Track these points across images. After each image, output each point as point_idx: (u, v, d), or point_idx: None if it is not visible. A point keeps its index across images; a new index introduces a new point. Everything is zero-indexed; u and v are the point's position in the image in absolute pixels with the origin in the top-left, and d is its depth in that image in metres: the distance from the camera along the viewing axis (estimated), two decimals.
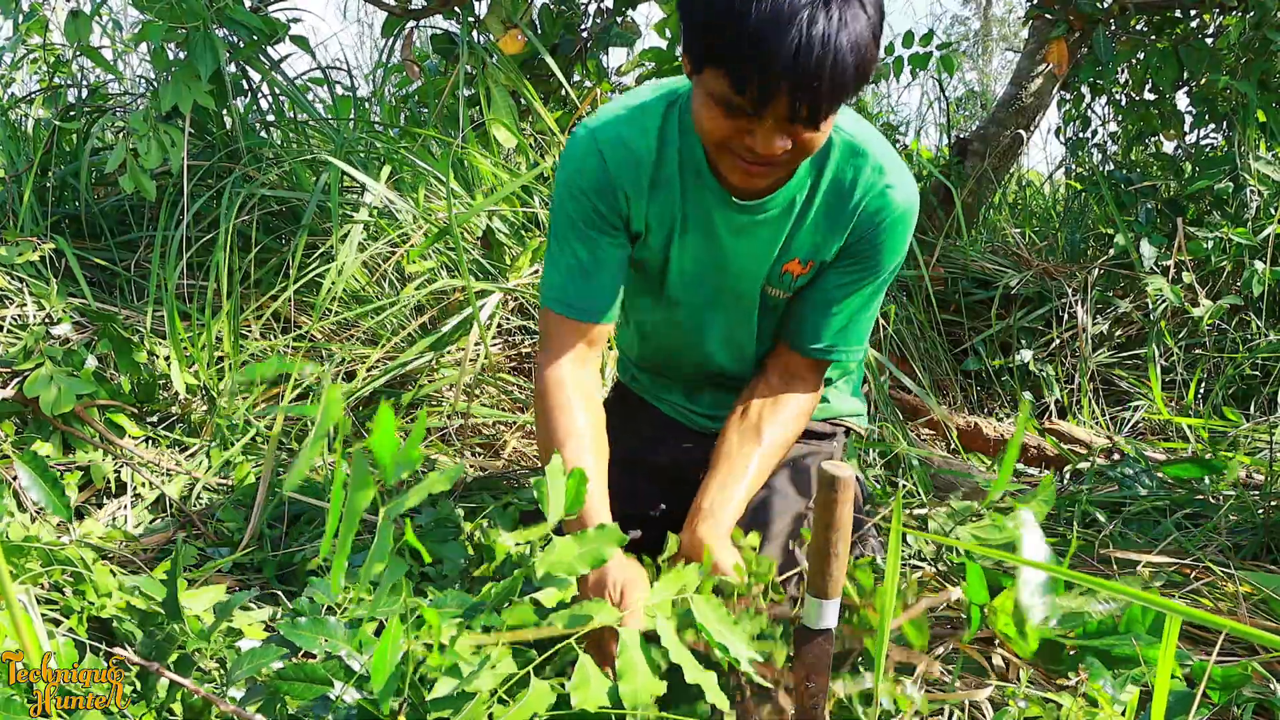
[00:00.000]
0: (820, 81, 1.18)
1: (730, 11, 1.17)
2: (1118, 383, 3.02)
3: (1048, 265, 3.32)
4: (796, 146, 1.28)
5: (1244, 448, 2.49)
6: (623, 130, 1.45)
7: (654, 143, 1.45)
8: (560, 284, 1.49)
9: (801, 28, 1.15)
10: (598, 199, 1.46)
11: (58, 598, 1.41)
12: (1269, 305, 3.04)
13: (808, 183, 1.45)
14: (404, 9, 3.14)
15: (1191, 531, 1.88)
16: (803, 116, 1.22)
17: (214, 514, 1.93)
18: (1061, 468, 2.45)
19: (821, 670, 1.25)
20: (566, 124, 3.08)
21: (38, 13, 3.19)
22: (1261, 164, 3.10)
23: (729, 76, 1.21)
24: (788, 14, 1.15)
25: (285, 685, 1.05)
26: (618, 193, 1.46)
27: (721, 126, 1.28)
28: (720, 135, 1.29)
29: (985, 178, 3.76)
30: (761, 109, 1.22)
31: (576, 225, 1.48)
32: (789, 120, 1.23)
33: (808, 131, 1.26)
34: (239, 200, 2.48)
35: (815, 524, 1.19)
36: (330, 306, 2.46)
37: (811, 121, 1.23)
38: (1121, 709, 1.22)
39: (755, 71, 1.18)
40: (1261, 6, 3.10)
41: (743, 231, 1.48)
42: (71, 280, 2.38)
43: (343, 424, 0.75)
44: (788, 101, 1.20)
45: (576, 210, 1.47)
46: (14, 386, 1.96)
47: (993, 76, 10.40)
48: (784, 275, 1.52)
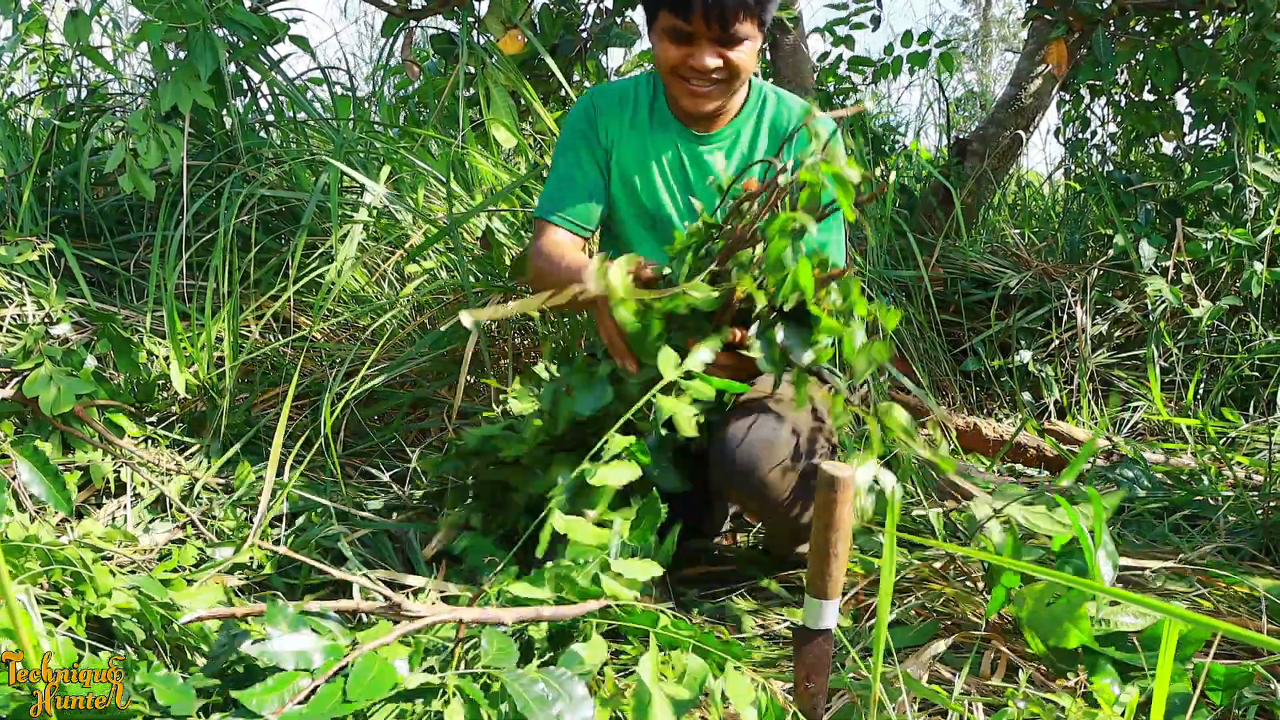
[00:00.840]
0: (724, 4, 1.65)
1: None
2: (1117, 383, 3.02)
3: (1047, 266, 3.32)
4: (727, 64, 1.74)
5: (1243, 448, 2.49)
6: (611, 86, 1.97)
7: (631, 94, 1.93)
8: (549, 194, 1.92)
9: None
10: (587, 127, 1.91)
11: (57, 597, 1.41)
12: (1267, 306, 3.04)
13: (749, 121, 1.91)
14: (404, 9, 3.13)
15: (1190, 533, 1.89)
16: (716, 31, 1.68)
17: (214, 514, 1.93)
18: (1061, 469, 2.45)
19: (821, 670, 1.25)
20: None
21: (37, 12, 3.19)
22: (1260, 165, 3.10)
23: (665, 7, 1.70)
24: None
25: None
26: (600, 126, 1.91)
27: (670, 54, 1.75)
28: (671, 61, 1.75)
29: (985, 178, 3.76)
30: (688, 21, 1.68)
31: (568, 150, 1.92)
32: (712, 39, 1.70)
33: (730, 51, 1.72)
34: (238, 200, 2.48)
35: (814, 524, 1.19)
36: (330, 307, 2.46)
37: (725, 31, 1.69)
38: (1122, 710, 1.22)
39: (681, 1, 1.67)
40: (1261, 7, 3.10)
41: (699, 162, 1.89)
42: (71, 280, 2.38)
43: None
44: (704, 19, 1.67)
45: (569, 139, 1.92)
46: (13, 386, 1.95)
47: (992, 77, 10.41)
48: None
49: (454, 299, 2.56)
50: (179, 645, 1.41)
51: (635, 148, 1.91)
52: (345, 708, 0.99)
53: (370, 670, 1.04)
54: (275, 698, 1.01)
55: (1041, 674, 1.41)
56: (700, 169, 1.91)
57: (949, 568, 1.75)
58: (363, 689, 1.02)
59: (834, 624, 1.24)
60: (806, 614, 1.24)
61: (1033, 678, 1.38)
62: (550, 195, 1.92)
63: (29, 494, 1.82)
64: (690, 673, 1.24)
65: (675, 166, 1.91)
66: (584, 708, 1.06)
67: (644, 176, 1.91)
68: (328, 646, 1.10)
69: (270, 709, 1.00)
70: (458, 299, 2.53)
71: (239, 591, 1.69)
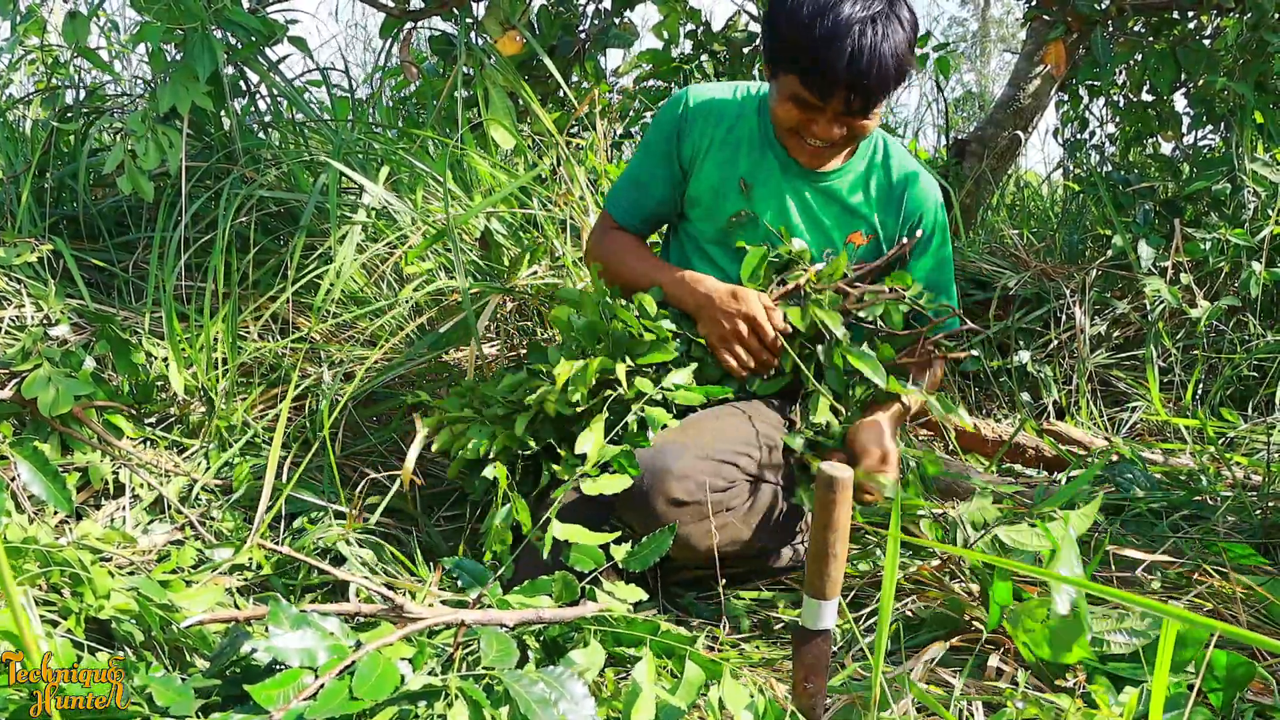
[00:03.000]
0: (869, 80, 1.58)
1: (801, 27, 1.58)
2: (1116, 383, 3.02)
3: (1046, 266, 3.33)
4: (850, 131, 1.71)
5: (1241, 448, 2.49)
6: (714, 91, 1.90)
7: (734, 110, 1.87)
8: (621, 190, 1.98)
9: (854, 39, 1.55)
10: (672, 137, 1.88)
11: (56, 599, 1.41)
12: (1265, 306, 3.04)
13: (863, 162, 1.88)
14: (402, 10, 3.13)
15: (1189, 532, 1.89)
16: (856, 108, 1.64)
17: (212, 515, 1.93)
18: (1059, 469, 2.45)
19: (820, 671, 1.25)
20: (564, 125, 3.08)
21: (35, 14, 3.19)
22: (1259, 165, 3.10)
23: (800, 77, 1.63)
24: (844, 29, 1.55)
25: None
26: (688, 138, 1.86)
27: (792, 116, 1.71)
28: (791, 123, 1.73)
29: (983, 179, 3.76)
30: (825, 102, 1.64)
31: (648, 154, 1.92)
32: (844, 113, 1.66)
33: (859, 120, 1.68)
34: (237, 201, 2.47)
35: (813, 525, 1.19)
36: (329, 308, 2.46)
37: (863, 112, 1.66)
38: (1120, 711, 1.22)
39: (819, 74, 1.60)
40: (1259, 8, 3.10)
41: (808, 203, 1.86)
42: (69, 281, 2.38)
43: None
44: (844, 96, 1.62)
45: (653, 142, 1.91)
46: (12, 388, 1.95)
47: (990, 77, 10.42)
48: (847, 245, 1.88)
49: (453, 300, 2.55)
50: (178, 646, 1.41)
51: (726, 163, 1.87)
52: (352, 705, 0.99)
53: (375, 670, 1.05)
54: (283, 693, 1.01)
55: (1038, 676, 1.41)
56: (805, 204, 1.87)
57: (944, 568, 1.76)
58: (368, 688, 1.02)
59: (833, 625, 1.24)
60: (805, 614, 1.24)
61: (1031, 679, 1.38)
62: (621, 192, 1.99)
63: (27, 495, 1.82)
64: (687, 679, 1.25)
65: (779, 197, 1.87)
66: (585, 707, 1.06)
67: (733, 194, 1.87)
68: (332, 645, 1.10)
69: (277, 704, 1.00)
70: (457, 300, 2.53)
71: (239, 593, 1.69)
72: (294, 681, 1.03)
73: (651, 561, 1.46)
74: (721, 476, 1.60)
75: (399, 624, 1.20)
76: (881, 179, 1.89)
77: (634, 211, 1.98)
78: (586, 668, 1.22)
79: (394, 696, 1.05)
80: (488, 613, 1.24)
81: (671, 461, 1.55)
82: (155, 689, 1.04)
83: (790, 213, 1.87)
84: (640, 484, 1.53)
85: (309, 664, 1.07)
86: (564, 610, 1.31)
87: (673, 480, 1.53)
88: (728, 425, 1.68)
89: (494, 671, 1.10)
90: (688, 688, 1.23)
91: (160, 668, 1.15)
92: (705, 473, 1.57)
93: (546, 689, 1.07)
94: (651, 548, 1.47)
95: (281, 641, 1.08)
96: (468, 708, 1.04)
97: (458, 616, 1.21)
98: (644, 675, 1.20)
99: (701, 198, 1.90)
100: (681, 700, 1.21)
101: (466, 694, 1.06)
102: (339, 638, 1.13)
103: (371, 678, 1.03)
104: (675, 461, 1.55)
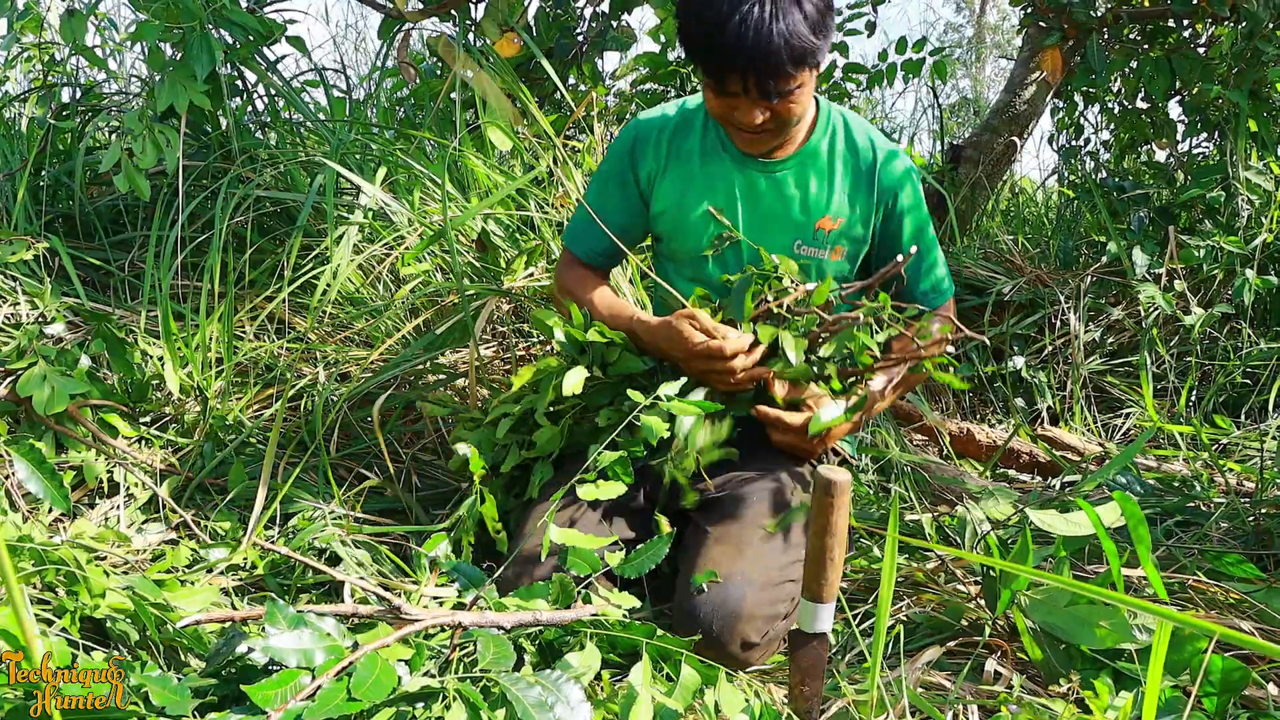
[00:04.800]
0: (758, 62, 1.52)
1: (696, 18, 1.56)
2: (1110, 390, 3.03)
3: (1040, 272, 3.34)
4: (775, 116, 1.64)
5: (1234, 455, 2.50)
6: (660, 111, 1.89)
7: (676, 120, 1.85)
8: (577, 225, 1.97)
9: (740, 21, 1.51)
10: (625, 164, 1.87)
11: (51, 598, 1.41)
12: (1259, 314, 3.06)
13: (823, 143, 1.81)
14: (400, 11, 3.14)
15: (1183, 539, 1.89)
16: (755, 93, 1.57)
17: (207, 515, 1.93)
18: (1053, 475, 2.46)
19: (817, 674, 1.26)
20: (561, 127, 3.08)
21: (32, 11, 3.19)
22: (1252, 173, 3.12)
23: (701, 65, 1.60)
24: (730, 11, 1.51)
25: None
26: (640, 163, 1.85)
27: (716, 105, 1.66)
28: (718, 113, 1.68)
29: (979, 184, 3.77)
30: (722, 86, 1.59)
31: (601, 184, 1.91)
32: (747, 96, 1.59)
33: (777, 104, 1.61)
34: (234, 201, 2.47)
35: (811, 529, 1.20)
36: (325, 308, 2.46)
37: (767, 96, 1.58)
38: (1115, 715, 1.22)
39: (710, 59, 1.57)
40: (1253, 17, 3.12)
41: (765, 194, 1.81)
42: (65, 280, 2.37)
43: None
44: (739, 80, 1.56)
45: (606, 172, 1.90)
46: (7, 386, 1.95)
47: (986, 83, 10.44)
48: (818, 232, 1.82)
49: (449, 301, 2.55)
50: (173, 646, 1.40)
51: (682, 177, 1.84)
52: (350, 706, 0.99)
53: (373, 671, 1.05)
54: (280, 693, 1.01)
55: (1034, 680, 1.42)
56: (763, 195, 1.82)
57: (940, 571, 1.76)
58: (366, 690, 1.02)
59: (829, 628, 1.24)
60: (802, 617, 1.24)
61: (1026, 683, 1.39)
62: (579, 227, 1.97)
63: (21, 494, 1.81)
64: (683, 683, 1.25)
65: (734, 195, 1.82)
66: (581, 710, 1.06)
67: (695, 207, 1.83)
68: (330, 645, 1.10)
69: (275, 705, 1.00)
70: (453, 301, 2.53)
71: (236, 593, 1.69)
72: (291, 682, 1.03)
73: (647, 569, 1.46)
74: (781, 599, 1.56)
75: (396, 625, 1.20)
76: (847, 158, 1.83)
77: (593, 245, 1.95)
78: (583, 671, 1.22)
79: (392, 698, 1.05)
80: (485, 615, 1.24)
81: (738, 605, 1.50)
82: (151, 689, 1.04)
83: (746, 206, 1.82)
84: (711, 629, 1.48)
85: (306, 664, 1.07)
86: (561, 613, 1.31)
87: (743, 624, 1.50)
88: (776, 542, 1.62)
89: (491, 675, 1.10)
90: (684, 691, 1.24)
91: (156, 667, 1.15)
92: (767, 603, 1.53)
93: (543, 692, 1.07)
94: (648, 555, 1.47)
95: (278, 642, 1.08)
96: (465, 709, 1.05)
97: (455, 618, 1.21)
98: (640, 679, 1.20)
99: (667, 212, 1.86)
100: (678, 703, 1.21)
101: (464, 696, 1.06)
102: (336, 639, 1.13)
103: (369, 679, 1.03)
104: (741, 604, 1.50)
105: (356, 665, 1.06)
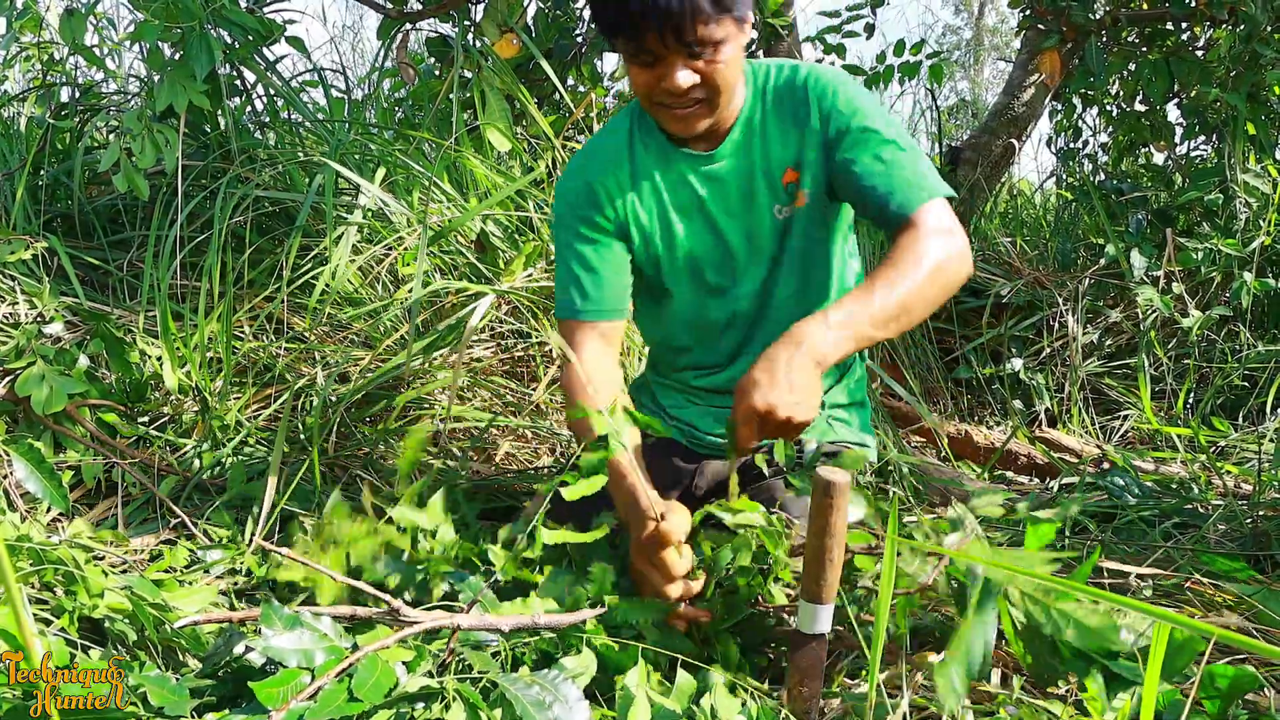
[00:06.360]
0: (671, 12, 1.42)
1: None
2: (1107, 392, 3.03)
3: (1039, 274, 3.34)
4: (704, 80, 1.51)
5: (1232, 457, 2.50)
6: (596, 143, 1.72)
7: (624, 139, 1.69)
8: (563, 295, 1.69)
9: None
10: (588, 208, 1.67)
11: (49, 597, 1.41)
12: (1256, 316, 3.06)
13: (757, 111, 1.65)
14: (400, 12, 3.14)
15: (1181, 541, 1.89)
16: (679, 38, 1.45)
17: (205, 515, 1.93)
18: (1051, 476, 2.46)
19: (815, 675, 1.26)
20: (560, 128, 3.08)
21: (31, 10, 3.18)
22: (1250, 176, 3.13)
23: (619, 35, 1.48)
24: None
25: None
26: (601, 195, 1.67)
27: (642, 80, 1.53)
28: (645, 89, 1.54)
29: (977, 186, 3.78)
30: (640, 44, 1.47)
31: (571, 239, 1.69)
32: (679, 53, 1.47)
33: (701, 62, 1.49)
34: (233, 201, 2.47)
35: (809, 529, 1.20)
36: (324, 308, 2.46)
37: (687, 45, 1.46)
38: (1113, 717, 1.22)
39: (622, 16, 1.45)
40: (1251, 20, 3.12)
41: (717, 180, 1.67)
42: (64, 279, 2.37)
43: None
44: (657, 31, 1.44)
45: (570, 223, 1.68)
46: (5, 385, 1.95)
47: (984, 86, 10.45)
48: (787, 186, 1.67)
49: (448, 302, 2.55)
50: (171, 647, 1.40)
51: (648, 196, 1.69)
52: (352, 707, 0.99)
53: (374, 672, 1.05)
54: (282, 693, 1.01)
55: (1032, 683, 1.42)
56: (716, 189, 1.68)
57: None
58: (367, 690, 1.02)
59: (828, 629, 1.24)
60: (801, 618, 1.24)
61: (1024, 685, 1.39)
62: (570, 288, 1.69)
63: (20, 493, 1.81)
64: (679, 687, 1.25)
65: (693, 201, 1.68)
66: (579, 710, 1.06)
67: (663, 224, 1.69)
68: (329, 646, 1.10)
69: (277, 703, 1.00)
70: (452, 301, 2.53)
71: (236, 595, 1.69)
72: (292, 681, 1.03)
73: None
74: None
75: (394, 627, 1.20)
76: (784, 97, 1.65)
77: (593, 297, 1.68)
78: (579, 672, 1.22)
79: (391, 698, 1.05)
80: (483, 617, 1.24)
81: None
82: (150, 689, 1.04)
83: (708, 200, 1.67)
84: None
85: (306, 665, 1.07)
86: (559, 616, 1.31)
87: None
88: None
89: (490, 675, 1.10)
90: (680, 694, 1.24)
91: (154, 667, 1.15)
92: None
93: (541, 692, 1.07)
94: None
95: (279, 642, 1.08)
96: (465, 709, 1.05)
97: (453, 621, 1.21)
98: (636, 681, 1.20)
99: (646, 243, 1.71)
100: (675, 705, 1.21)
101: (464, 696, 1.06)
102: (334, 639, 1.13)
103: (370, 679, 1.03)
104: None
105: (357, 666, 1.06)
